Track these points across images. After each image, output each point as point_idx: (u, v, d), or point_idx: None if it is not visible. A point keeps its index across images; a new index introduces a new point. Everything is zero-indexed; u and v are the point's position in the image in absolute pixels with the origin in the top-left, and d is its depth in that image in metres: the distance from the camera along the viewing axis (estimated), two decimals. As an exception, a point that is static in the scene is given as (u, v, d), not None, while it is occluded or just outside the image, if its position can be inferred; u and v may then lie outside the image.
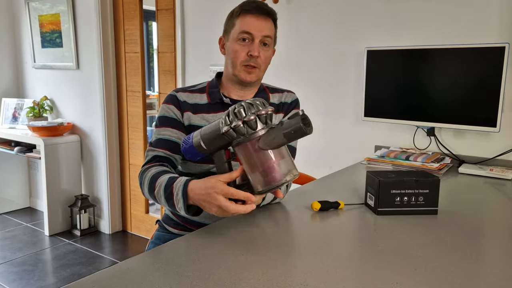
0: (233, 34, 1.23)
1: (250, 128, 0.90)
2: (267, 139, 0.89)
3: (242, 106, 0.91)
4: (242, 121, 0.89)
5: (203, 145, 0.97)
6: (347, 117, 2.13)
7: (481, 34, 1.74)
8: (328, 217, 1.11)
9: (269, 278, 0.77)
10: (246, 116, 0.89)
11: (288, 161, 0.92)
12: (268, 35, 1.23)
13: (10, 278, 2.56)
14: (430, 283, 0.76)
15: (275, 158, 0.90)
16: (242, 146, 0.91)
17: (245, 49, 1.21)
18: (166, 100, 1.27)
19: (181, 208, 1.02)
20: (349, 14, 2.07)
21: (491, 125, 1.62)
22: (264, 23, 1.22)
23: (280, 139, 0.88)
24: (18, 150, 3.38)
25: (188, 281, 0.75)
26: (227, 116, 0.92)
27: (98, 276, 0.77)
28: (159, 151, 1.21)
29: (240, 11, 1.22)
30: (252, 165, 0.91)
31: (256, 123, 0.90)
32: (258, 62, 1.22)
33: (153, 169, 1.13)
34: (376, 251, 0.90)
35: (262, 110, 0.91)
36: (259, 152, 0.90)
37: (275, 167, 0.90)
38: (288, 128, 0.88)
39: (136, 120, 3.20)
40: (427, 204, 1.14)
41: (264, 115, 0.90)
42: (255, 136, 0.90)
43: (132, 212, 3.36)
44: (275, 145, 0.89)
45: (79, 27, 3.24)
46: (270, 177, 0.90)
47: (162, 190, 1.06)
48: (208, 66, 2.60)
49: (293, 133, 0.87)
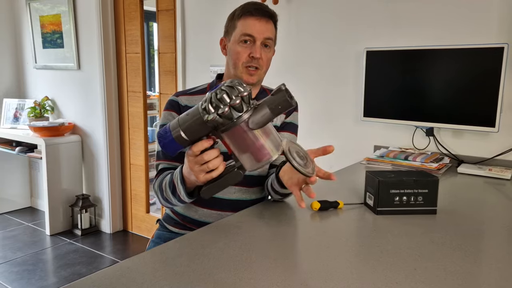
0: (234, 36, 1.24)
1: (236, 111, 0.89)
2: (255, 119, 0.89)
3: (224, 91, 0.88)
4: (228, 106, 0.87)
5: (184, 136, 0.93)
6: (347, 117, 2.14)
7: (480, 35, 1.75)
8: (328, 217, 1.12)
9: (269, 278, 0.77)
10: (231, 100, 0.87)
11: (274, 137, 0.93)
12: (270, 37, 1.24)
13: (11, 277, 2.57)
14: (429, 282, 0.76)
15: (262, 137, 0.91)
16: (230, 131, 0.90)
17: (247, 50, 1.22)
18: (167, 107, 1.29)
19: (184, 195, 1.08)
20: (348, 15, 2.08)
21: (490, 125, 1.62)
22: (265, 25, 1.23)
23: (268, 115, 0.89)
24: (19, 150, 3.39)
25: (189, 281, 0.76)
26: (209, 104, 0.89)
27: (99, 275, 0.77)
28: (165, 163, 1.25)
29: (242, 13, 1.23)
30: (241, 147, 0.92)
31: (242, 105, 0.88)
32: (259, 64, 1.24)
33: (160, 177, 1.20)
34: (375, 250, 0.90)
35: (244, 91, 0.89)
36: (247, 133, 0.90)
37: (264, 145, 0.91)
38: (274, 103, 0.88)
39: (137, 120, 3.20)
40: (426, 204, 1.14)
41: (247, 96, 0.89)
42: (243, 118, 0.89)
43: (133, 212, 3.37)
44: (262, 123, 0.89)
45: (80, 28, 3.25)
46: (261, 155, 0.91)
47: (168, 187, 1.12)
48: (209, 67, 2.61)
49: (280, 107, 0.88)
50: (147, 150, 3.24)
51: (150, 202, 3.34)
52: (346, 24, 2.09)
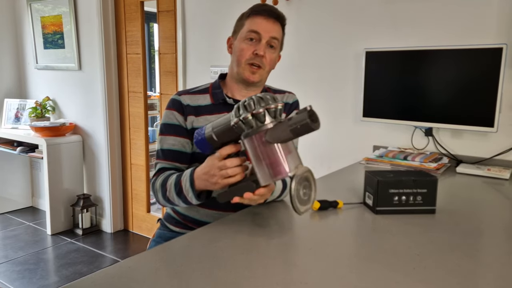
0: (241, 34, 1.26)
1: (258, 121, 0.91)
2: (273, 133, 0.90)
3: (252, 99, 0.92)
4: (251, 114, 0.91)
5: (214, 137, 1.00)
6: (346, 117, 2.14)
7: (479, 35, 1.76)
8: (327, 216, 1.12)
9: (269, 277, 0.77)
10: (255, 109, 0.91)
11: (294, 156, 0.93)
12: (276, 36, 1.25)
13: (12, 277, 2.58)
14: (429, 282, 0.77)
15: (281, 152, 0.91)
16: (249, 139, 0.92)
17: (251, 48, 1.23)
18: (169, 106, 1.28)
19: (192, 197, 1.09)
20: (348, 16, 2.08)
21: (489, 125, 1.63)
22: (272, 25, 1.24)
23: (287, 133, 0.89)
24: (20, 150, 3.40)
25: (189, 280, 0.76)
26: (237, 109, 0.94)
27: (100, 275, 0.78)
28: (164, 162, 1.25)
29: (251, 12, 1.25)
30: (258, 157, 0.92)
31: (265, 116, 0.91)
32: (263, 62, 1.24)
33: (161, 176, 1.20)
34: (374, 250, 0.90)
35: (272, 104, 0.92)
36: (265, 145, 0.91)
37: (281, 161, 0.91)
38: (295, 123, 0.88)
39: (137, 121, 3.21)
40: (425, 203, 1.15)
41: (273, 109, 0.92)
42: (262, 129, 0.91)
43: (133, 211, 3.38)
44: (281, 139, 0.90)
45: (81, 29, 3.26)
46: (276, 170, 0.91)
47: (173, 188, 1.13)
48: (209, 67, 2.62)
49: (300, 128, 0.88)
50: (148, 150, 3.24)
51: (151, 201, 3.35)
52: (346, 25, 2.10)
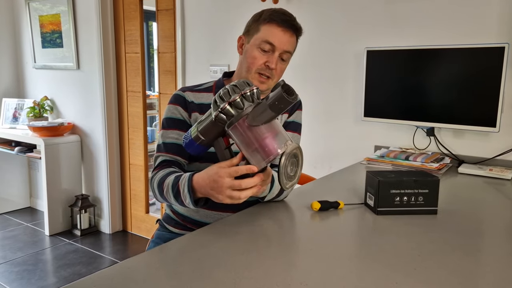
0: (255, 39, 1.21)
1: (237, 108, 0.93)
2: (254, 115, 0.91)
3: (227, 89, 0.94)
4: (228, 103, 0.92)
5: (201, 136, 1.00)
6: (347, 117, 2.13)
7: (480, 35, 1.75)
8: (328, 217, 1.12)
9: (269, 278, 0.77)
10: (231, 97, 0.92)
11: (282, 134, 0.94)
12: (289, 50, 1.23)
13: (10, 278, 2.57)
14: (430, 282, 0.76)
15: (268, 133, 0.92)
16: (234, 127, 0.93)
17: (264, 58, 1.20)
18: (172, 101, 1.26)
19: (189, 203, 1.06)
20: (349, 15, 2.08)
21: (491, 125, 1.62)
22: (289, 38, 1.21)
23: (267, 112, 0.90)
24: (18, 150, 3.39)
25: (189, 281, 0.75)
26: (214, 102, 0.95)
27: (99, 275, 0.77)
28: (166, 155, 1.23)
29: (269, 19, 1.20)
30: (246, 144, 0.93)
31: (243, 102, 0.92)
32: (272, 73, 1.22)
33: (160, 173, 1.17)
34: (375, 250, 0.90)
35: (247, 89, 0.93)
36: (250, 129, 0.92)
37: (269, 141, 0.92)
38: (272, 98, 0.90)
39: (136, 120, 3.20)
40: (426, 204, 1.14)
41: (249, 94, 0.93)
42: (243, 114, 0.92)
43: (132, 212, 3.37)
44: (264, 119, 0.91)
45: (79, 28, 3.25)
46: (267, 151, 0.92)
47: (170, 189, 1.10)
48: (208, 67, 2.61)
49: (277, 103, 0.89)
50: (147, 150, 3.23)
51: (150, 202, 3.34)
52: (347, 24, 2.09)
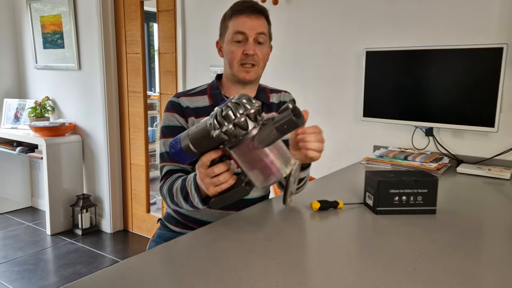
0: (227, 36, 1.25)
1: (241, 129, 0.87)
2: (261, 137, 0.87)
3: (229, 107, 0.87)
4: (232, 124, 0.86)
5: (192, 148, 0.94)
6: (346, 117, 2.14)
7: (479, 35, 1.75)
8: (328, 217, 1.12)
9: (269, 277, 0.77)
10: (236, 118, 0.86)
11: (284, 153, 0.91)
12: (262, 31, 1.24)
13: (11, 277, 2.58)
14: (429, 282, 0.76)
15: (271, 154, 0.89)
16: (237, 148, 0.89)
17: (241, 48, 1.23)
18: (169, 108, 1.27)
19: (198, 202, 1.07)
20: (348, 15, 2.08)
21: (490, 125, 1.63)
22: (256, 21, 1.23)
23: (273, 134, 0.87)
24: (20, 150, 3.39)
25: (189, 280, 0.76)
26: (215, 120, 0.88)
27: (100, 275, 0.77)
28: (171, 164, 1.24)
29: (232, 12, 1.24)
30: (249, 164, 0.90)
31: (247, 123, 0.87)
32: (255, 60, 1.24)
33: (168, 181, 1.19)
34: (375, 250, 0.90)
35: (251, 108, 0.87)
36: (254, 151, 0.88)
37: (272, 163, 0.89)
38: (280, 121, 0.86)
39: (137, 120, 3.21)
40: (425, 203, 1.14)
41: (253, 113, 0.87)
42: (248, 136, 0.87)
43: (133, 212, 3.37)
44: (269, 141, 0.87)
45: (80, 28, 3.25)
46: (269, 172, 0.89)
47: (179, 193, 1.11)
48: (209, 67, 2.61)
49: (286, 127, 0.86)
50: (148, 150, 3.24)
51: (151, 202, 3.35)
52: (346, 25, 2.09)
